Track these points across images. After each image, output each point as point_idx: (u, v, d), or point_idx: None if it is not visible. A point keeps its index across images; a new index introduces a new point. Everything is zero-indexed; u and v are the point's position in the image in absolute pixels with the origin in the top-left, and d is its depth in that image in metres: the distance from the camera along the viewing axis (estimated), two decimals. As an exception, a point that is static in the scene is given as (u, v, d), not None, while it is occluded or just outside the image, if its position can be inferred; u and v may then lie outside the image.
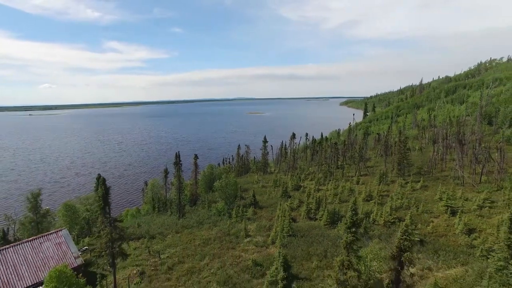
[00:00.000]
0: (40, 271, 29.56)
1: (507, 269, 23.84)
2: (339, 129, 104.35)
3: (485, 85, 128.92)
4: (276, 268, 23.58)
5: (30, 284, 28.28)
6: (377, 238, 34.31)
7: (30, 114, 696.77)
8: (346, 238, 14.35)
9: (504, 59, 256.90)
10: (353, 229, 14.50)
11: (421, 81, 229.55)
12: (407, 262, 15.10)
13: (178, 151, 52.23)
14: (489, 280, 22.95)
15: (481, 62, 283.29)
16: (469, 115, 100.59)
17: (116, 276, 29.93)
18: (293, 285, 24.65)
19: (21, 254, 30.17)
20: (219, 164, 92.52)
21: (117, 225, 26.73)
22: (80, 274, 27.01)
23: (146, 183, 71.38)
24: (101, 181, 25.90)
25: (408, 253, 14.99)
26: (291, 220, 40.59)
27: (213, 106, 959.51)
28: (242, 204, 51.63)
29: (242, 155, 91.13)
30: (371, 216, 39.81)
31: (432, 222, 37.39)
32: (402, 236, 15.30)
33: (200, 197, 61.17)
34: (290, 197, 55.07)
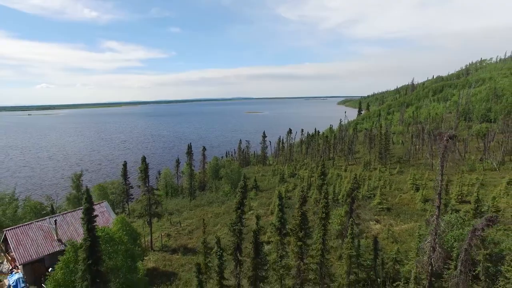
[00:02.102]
0: (76, 235, 37.97)
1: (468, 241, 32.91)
2: (331, 125, 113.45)
3: (468, 85, 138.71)
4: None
5: None
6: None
7: (29, 114, 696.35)
8: (318, 182, 22.89)
9: (494, 60, 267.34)
10: (322, 176, 23.07)
11: (413, 80, 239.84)
12: (355, 197, 23.81)
13: (190, 143, 60.93)
14: (426, 228, 32.02)
15: (472, 62, 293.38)
16: (450, 112, 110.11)
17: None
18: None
19: (77, 218, 38.59)
20: (222, 157, 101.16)
21: (154, 192, 35.32)
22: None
23: (159, 173, 79.79)
24: (142, 158, 34.51)
25: (356, 191, 23.73)
26: (287, 197, 49.42)
27: (211, 106, 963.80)
28: (245, 188, 60.30)
29: (243, 150, 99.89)
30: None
31: (400, 196, 46.44)
32: (353, 181, 24.07)
33: (207, 183, 69.80)
34: (286, 182, 63.86)
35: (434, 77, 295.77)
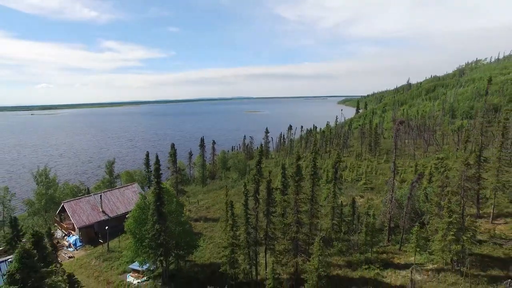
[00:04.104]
0: (127, 205, 46.53)
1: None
2: (328, 122, 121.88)
3: (459, 85, 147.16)
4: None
5: (123, 212, 45.19)
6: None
7: (31, 114, 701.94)
8: (311, 158, 31.18)
9: (488, 60, 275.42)
10: (315, 154, 31.37)
11: (408, 80, 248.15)
12: (338, 167, 32.23)
13: (203, 136, 69.35)
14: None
15: (468, 62, 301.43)
16: (439, 110, 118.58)
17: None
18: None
19: (114, 195, 47.22)
20: (228, 151, 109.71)
21: (180, 172, 43.83)
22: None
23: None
24: (171, 145, 43.04)
25: (338, 163, 32.10)
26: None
27: (211, 106, 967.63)
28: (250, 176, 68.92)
29: (247, 145, 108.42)
30: (343, 175, 57.39)
31: (384, 179, 54.96)
32: (336, 157, 32.54)
33: (217, 173, 78.34)
34: (286, 170, 72.36)
35: (432, 76, 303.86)
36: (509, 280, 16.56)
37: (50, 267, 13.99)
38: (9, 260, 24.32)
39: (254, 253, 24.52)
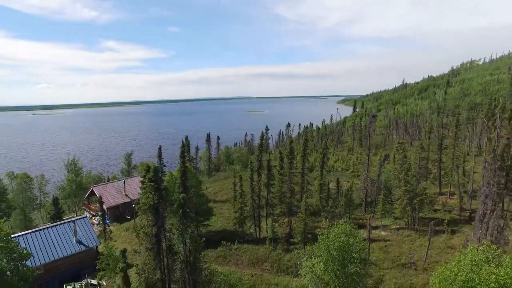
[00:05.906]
0: (136, 193, 53.64)
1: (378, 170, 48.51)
2: (324, 120, 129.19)
3: (449, 85, 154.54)
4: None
5: (133, 199, 52.22)
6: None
7: (33, 114, 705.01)
8: (303, 147, 38.35)
9: (482, 61, 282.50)
10: (306, 143, 38.56)
11: (403, 80, 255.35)
12: (326, 153, 39.45)
13: (209, 132, 76.55)
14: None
15: (463, 62, 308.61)
16: (428, 109, 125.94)
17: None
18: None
19: (135, 182, 54.37)
20: (231, 147, 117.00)
21: (193, 161, 50.98)
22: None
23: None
24: (185, 137, 50.25)
25: (326, 148, 39.33)
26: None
27: (211, 105, 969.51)
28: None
29: (249, 141, 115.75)
30: (335, 166, 64.68)
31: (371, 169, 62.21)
32: (323, 146, 39.84)
33: (221, 166, 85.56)
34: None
35: (428, 76, 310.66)
36: (433, 221, 23.62)
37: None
38: (71, 220, 31.35)
39: (258, 216, 31.77)
